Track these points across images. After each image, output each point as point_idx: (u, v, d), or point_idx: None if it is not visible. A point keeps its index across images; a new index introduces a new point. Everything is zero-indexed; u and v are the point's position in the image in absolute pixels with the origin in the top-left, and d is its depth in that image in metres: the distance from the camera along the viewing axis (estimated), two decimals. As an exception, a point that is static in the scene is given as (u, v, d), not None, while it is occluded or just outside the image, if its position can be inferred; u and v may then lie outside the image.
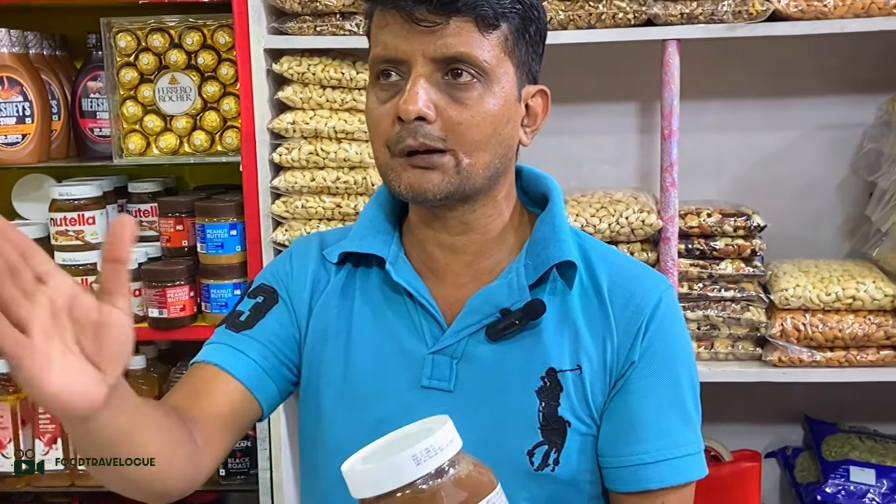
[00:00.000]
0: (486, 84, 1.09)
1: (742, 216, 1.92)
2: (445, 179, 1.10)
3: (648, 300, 1.17)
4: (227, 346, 1.20)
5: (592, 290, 1.18)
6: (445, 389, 1.15)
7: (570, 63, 2.14)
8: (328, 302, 1.22)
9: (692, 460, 1.16)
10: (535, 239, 1.18)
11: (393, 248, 1.20)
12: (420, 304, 1.17)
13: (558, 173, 2.16)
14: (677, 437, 1.16)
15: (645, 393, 1.15)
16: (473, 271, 1.19)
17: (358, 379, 1.18)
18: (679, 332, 1.20)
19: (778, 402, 2.26)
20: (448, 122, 1.08)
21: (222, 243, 1.96)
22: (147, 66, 2.00)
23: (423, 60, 1.07)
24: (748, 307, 1.93)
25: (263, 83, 1.91)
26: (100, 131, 2.09)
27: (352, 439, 1.16)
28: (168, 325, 1.96)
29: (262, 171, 1.93)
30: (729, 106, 2.18)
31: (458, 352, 1.16)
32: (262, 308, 1.23)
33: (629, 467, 1.15)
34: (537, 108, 1.18)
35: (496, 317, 1.15)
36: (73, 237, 2.04)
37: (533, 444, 1.14)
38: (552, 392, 1.14)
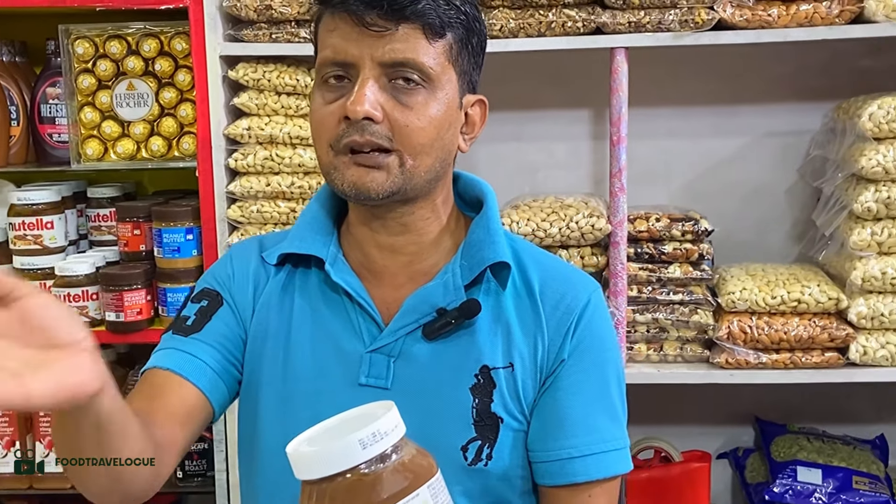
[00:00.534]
0: (431, 90, 1.12)
1: (690, 221, 1.96)
2: (389, 179, 1.13)
3: (578, 301, 1.21)
4: (179, 350, 1.21)
5: (525, 290, 1.22)
6: (382, 387, 1.18)
7: (525, 71, 2.19)
8: (268, 302, 1.24)
9: (618, 455, 1.20)
10: (471, 241, 1.21)
11: (332, 249, 1.23)
12: (358, 304, 1.20)
13: (514, 179, 2.24)
14: (604, 433, 1.19)
15: (573, 390, 1.19)
16: (411, 272, 1.22)
17: (296, 378, 1.20)
18: (607, 332, 1.24)
19: (730, 404, 2.30)
20: (395, 123, 1.11)
21: (179, 247, 1.98)
22: (105, 72, 2.02)
23: (371, 64, 1.10)
24: (696, 310, 1.97)
25: (219, 90, 1.93)
26: (59, 137, 2.11)
27: (288, 438, 1.17)
28: (125, 329, 1.98)
29: (218, 176, 1.95)
30: (680, 113, 2.22)
31: (395, 350, 1.18)
32: (207, 311, 1.24)
33: (557, 461, 1.18)
34: (475, 116, 1.22)
35: (432, 316, 1.18)
36: (32, 242, 2.06)
37: (466, 440, 1.17)
38: (486, 389, 1.17)
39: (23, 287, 0.80)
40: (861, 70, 2.15)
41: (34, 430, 2.11)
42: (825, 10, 1.85)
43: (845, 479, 2.03)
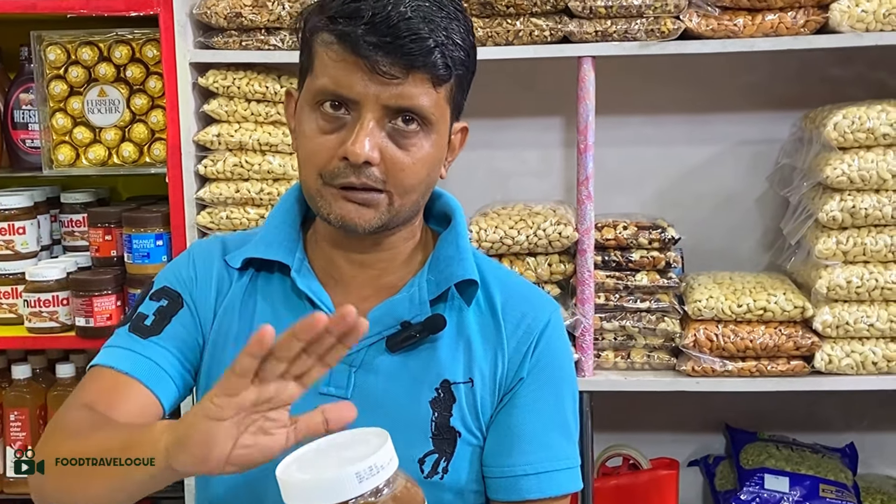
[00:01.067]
0: (428, 132, 1.13)
1: (657, 229, 1.97)
2: (377, 216, 1.14)
3: (539, 321, 1.23)
4: (138, 354, 1.20)
5: (487, 307, 1.23)
6: (342, 397, 1.18)
7: (496, 78, 2.19)
8: (231, 306, 1.24)
9: (570, 473, 1.22)
10: (439, 256, 1.22)
11: (298, 256, 1.23)
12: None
13: (485, 186, 2.25)
14: (557, 451, 1.22)
15: (529, 408, 1.21)
16: (378, 285, 1.22)
17: None
18: (564, 352, 1.26)
19: (701, 412, 2.31)
20: (391, 166, 1.11)
21: (148, 253, 1.99)
22: (76, 78, 2.03)
23: (375, 106, 1.10)
24: (663, 318, 1.97)
25: (189, 96, 1.94)
26: (31, 142, 2.12)
27: None
28: (95, 334, 1.99)
29: (188, 182, 1.96)
30: (651, 121, 2.24)
31: (356, 360, 1.19)
32: (166, 312, 1.23)
33: (511, 477, 1.20)
34: (457, 142, 1.24)
35: (396, 329, 1.19)
36: (3, 247, 2.07)
37: (424, 453, 1.18)
38: (445, 403, 1.19)
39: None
40: (830, 79, 2.16)
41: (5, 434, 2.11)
42: (790, 20, 1.86)
43: (812, 487, 2.04)
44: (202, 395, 1.25)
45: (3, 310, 2.07)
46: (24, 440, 2.08)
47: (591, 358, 1.95)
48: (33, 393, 2.10)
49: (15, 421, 2.09)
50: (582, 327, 1.93)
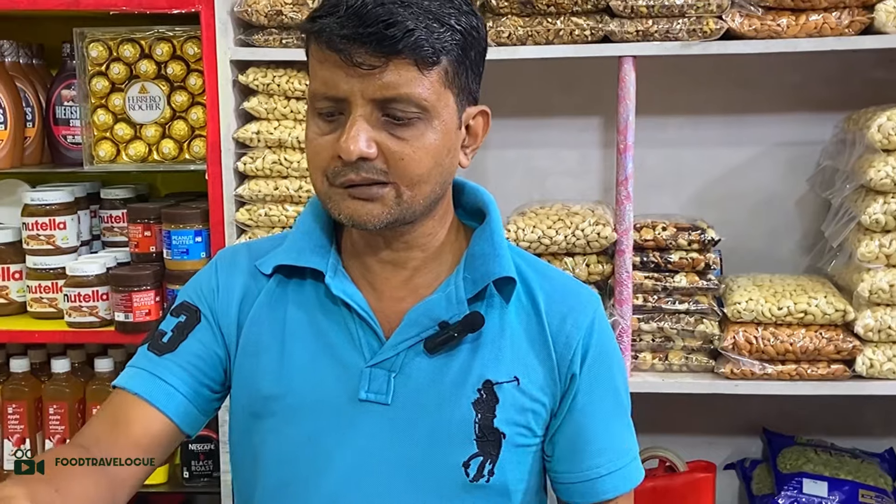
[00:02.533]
0: (427, 120, 1.09)
1: (697, 230, 1.95)
2: (385, 211, 1.11)
3: (585, 316, 1.22)
4: (149, 373, 1.20)
5: (529, 304, 1.21)
6: (383, 402, 1.17)
7: (535, 77, 2.19)
8: (259, 315, 1.23)
9: (636, 464, 1.26)
10: (474, 253, 1.20)
11: (331, 261, 1.21)
12: (359, 316, 1.18)
13: (522, 186, 2.25)
14: (623, 444, 1.24)
15: (592, 408, 1.21)
16: (413, 285, 1.20)
17: (294, 392, 1.19)
18: (612, 343, 1.26)
19: (738, 415, 2.29)
20: (390, 157, 1.09)
21: (187, 249, 2.00)
22: (118, 75, 2.04)
23: (362, 101, 1.07)
24: (702, 320, 1.96)
25: (230, 94, 1.95)
26: (73, 138, 2.14)
27: (288, 451, 1.19)
28: (134, 329, 2.00)
29: (227, 179, 1.97)
30: (690, 122, 2.22)
31: (395, 365, 1.17)
32: (184, 329, 1.23)
33: (587, 482, 1.22)
34: (478, 127, 1.19)
35: (434, 330, 1.17)
36: (44, 241, 2.08)
37: (468, 456, 1.17)
38: (488, 404, 1.17)
39: None
40: (873, 81, 2.13)
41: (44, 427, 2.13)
42: (835, 20, 1.84)
43: (851, 493, 2.02)
44: (236, 407, 1.25)
45: (43, 304, 2.09)
46: (62, 434, 2.10)
47: (628, 359, 1.94)
48: (72, 387, 2.12)
49: (54, 415, 2.10)
50: (620, 328, 1.92)
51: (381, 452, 1.17)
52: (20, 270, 2.12)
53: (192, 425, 1.23)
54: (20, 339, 2.11)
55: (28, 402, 2.12)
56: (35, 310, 2.10)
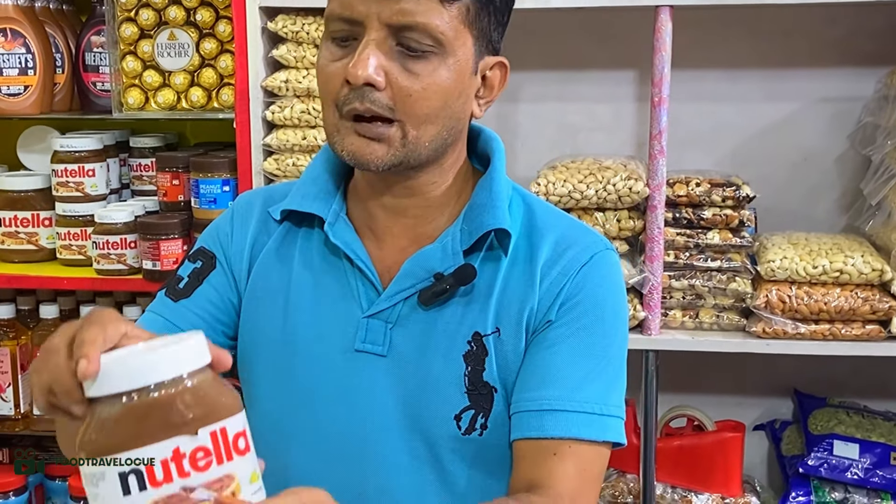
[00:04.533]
0: (442, 56, 1.06)
1: (731, 186, 1.91)
2: (390, 152, 1.08)
3: (578, 260, 1.15)
4: (164, 319, 1.19)
5: (529, 254, 1.16)
6: (379, 354, 1.15)
7: (569, 29, 2.15)
8: (267, 260, 1.21)
9: (601, 421, 1.11)
10: (473, 204, 1.17)
11: (334, 208, 1.19)
12: (357, 268, 1.16)
13: (554, 140, 2.21)
14: (589, 395, 1.11)
15: (560, 345, 1.12)
16: (414, 235, 1.18)
17: (294, 341, 1.18)
18: (608, 294, 1.16)
19: (769, 376, 2.26)
20: (398, 91, 1.05)
21: (215, 199, 1.99)
22: (147, 21, 2.03)
23: (377, 24, 1.04)
24: (734, 278, 1.92)
25: (258, 41, 1.93)
26: (102, 85, 2.13)
27: (284, 402, 1.18)
28: (161, 277, 2.00)
29: (256, 128, 1.95)
30: (727, 76, 2.17)
31: (392, 316, 1.15)
32: (199, 274, 1.21)
33: (533, 412, 1.11)
34: (494, 80, 1.15)
35: (430, 281, 1.14)
36: (73, 189, 2.09)
37: (460, 409, 1.14)
38: (478, 356, 1.14)
39: None
40: (919, 35, 2.07)
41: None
42: (881, -30, 1.78)
43: (883, 455, 1.98)
44: (241, 353, 1.23)
45: (72, 251, 2.10)
46: (91, 380, 2.11)
47: (658, 317, 1.91)
48: (101, 334, 2.12)
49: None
50: (650, 285, 1.89)
51: (377, 403, 1.15)
52: (50, 217, 2.13)
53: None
54: (50, 286, 2.13)
55: (57, 348, 2.13)
56: (64, 256, 2.11)
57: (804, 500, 2.00)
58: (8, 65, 2.02)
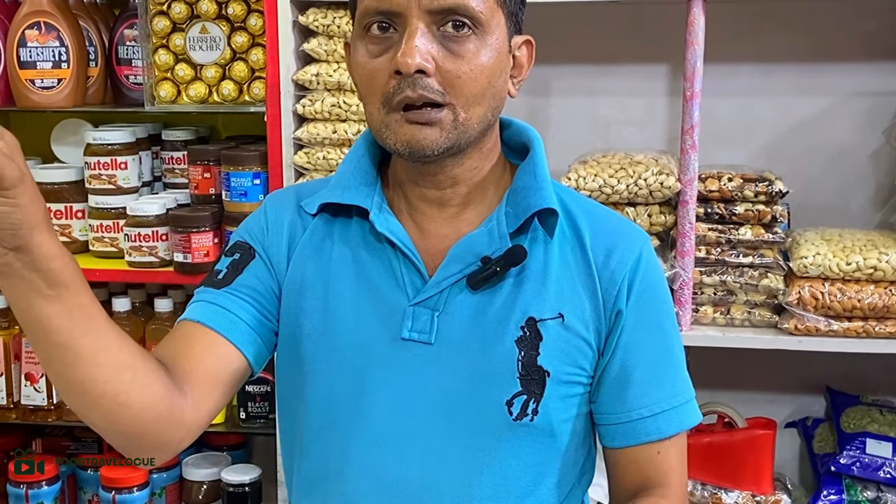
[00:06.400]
0: (482, 36, 1.08)
1: (764, 181, 1.89)
2: (444, 135, 1.09)
3: (631, 252, 1.18)
4: (209, 303, 1.19)
5: (574, 239, 1.19)
6: (426, 342, 1.16)
7: (600, 22, 2.13)
8: (304, 252, 1.22)
9: (687, 408, 1.21)
10: (516, 187, 1.18)
11: (376, 199, 1.20)
12: (402, 254, 1.17)
13: (585, 134, 2.20)
14: (672, 387, 1.20)
15: (636, 347, 1.18)
16: (456, 223, 1.19)
17: (337, 331, 1.18)
18: (661, 284, 1.22)
19: (801, 373, 2.24)
20: (446, 75, 1.07)
21: (246, 192, 2.00)
22: (179, 14, 2.03)
23: (418, 12, 1.06)
24: (766, 274, 1.91)
25: (289, 35, 1.93)
26: (135, 78, 2.14)
27: (332, 391, 1.19)
28: (192, 270, 2.01)
29: (286, 121, 1.96)
30: (760, 70, 2.14)
31: (439, 303, 1.16)
32: (238, 265, 1.22)
33: (628, 423, 1.19)
34: (523, 58, 1.18)
35: (477, 265, 1.15)
36: (106, 181, 2.10)
37: (512, 394, 1.15)
38: (532, 341, 1.15)
39: None
40: (957, 29, 2.04)
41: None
42: (919, -37, 1.76)
43: (916, 455, 1.96)
44: (282, 345, 1.23)
45: (104, 243, 2.11)
46: (122, 371, 2.13)
47: (689, 312, 1.90)
48: (133, 326, 2.14)
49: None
50: (681, 281, 1.87)
51: (424, 392, 1.16)
52: (83, 209, 2.15)
53: (256, 355, 1.20)
54: (82, 277, 2.14)
55: (90, 339, 2.15)
56: (96, 248, 2.13)
57: (836, 499, 1.98)
58: (42, 58, 2.04)
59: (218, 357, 1.17)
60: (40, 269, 0.92)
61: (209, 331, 1.17)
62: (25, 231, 0.89)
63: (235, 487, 2.10)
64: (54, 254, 0.93)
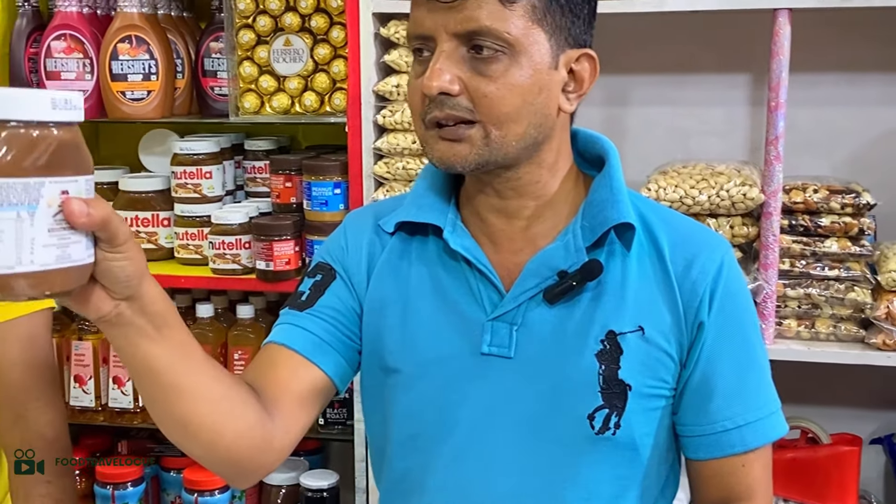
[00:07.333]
0: (513, 56, 1.08)
1: (851, 193, 1.86)
2: (473, 151, 1.11)
3: (712, 262, 1.17)
4: (292, 325, 1.22)
5: (653, 251, 1.18)
6: (505, 356, 1.16)
7: (680, 32, 2.12)
8: (383, 271, 1.24)
9: (773, 419, 1.20)
10: (592, 201, 1.18)
11: (450, 217, 1.21)
12: (478, 271, 1.18)
13: (664, 145, 2.19)
14: (756, 399, 1.19)
15: (719, 358, 1.17)
16: (529, 236, 1.19)
17: (418, 347, 1.20)
18: (743, 293, 1.21)
19: (888, 388, 2.18)
20: (475, 94, 1.09)
21: (326, 201, 2.03)
22: (264, 27, 2.07)
23: (445, 36, 1.08)
24: (853, 287, 1.87)
25: (371, 46, 1.95)
26: (220, 90, 2.19)
27: (414, 405, 1.21)
28: (274, 278, 2.04)
29: (367, 132, 1.98)
30: (845, 79, 2.10)
31: (517, 318, 1.17)
32: (321, 286, 1.25)
33: (711, 435, 1.18)
34: (583, 72, 1.15)
35: (554, 279, 1.15)
36: (192, 190, 2.15)
37: (593, 408, 1.15)
38: (612, 355, 1.15)
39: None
40: None
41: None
42: None
43: None
44: (366, 363, 1.25)
45: (189, 251, 2.16)
46: (205, 376, 2.17)
47: (772, 326, 1.87)
48: (215, 332, 2.19)
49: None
50: (764, 294, 1.85)
51: (505, 406, 1.16)
52: (169, 217, 2.20)
53: (339, 374, 1.23)
54: (167, 284, 2.19)
55: (174, 344, 2.20)
56: (182, 256, 2.18)
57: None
58: (133, 70, 2.09)
59: (303, 380, 1.19)
60: (148, 314, 0.97)
61: (293, 354, 1.20)
62: (135, 280, 0.94)
63: (314, 492, 2.12)
64: (158, 297, 0.98)
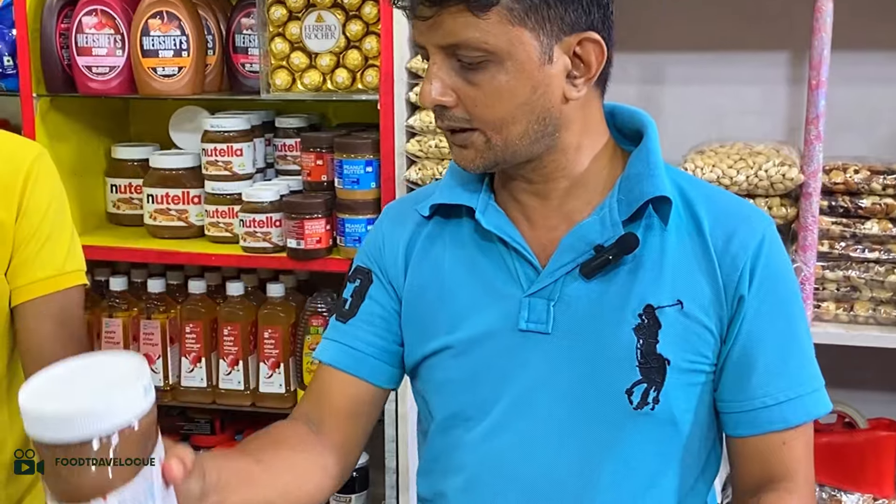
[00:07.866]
0: (498, 62, 1.07)
1: (893, 174, 1.82)
2: (479, 156, 1.13)
3: (752, 237, 1.15)
4: (336, 342, 1.27)
5: (692, 226, 1.16)
6: (543, 332, 1.16)
7: (717, 9, 2.08)
8: (419, 258, 1.25)
9: (815, 396, 1.17)
10: (629, 175, 1.17)
11: (482, 197, 1.21)
12: (513, 249, 1.17)
13: (699, 124, 2.15)
14: (797, 376, 1.16)
15: (760, 334, 1.15)
16: (564, 212, 1.18)
17: (456, 328, 1.20)
18: (785, 268, 1.18)
19: (926, 373, 2.16)
20: (468, 103, 1.10)
21: (358, 179, 2.01)
22: (295, 4, 2.05)
23: (434, 49, 1.10)
24: (893, 270, 1.84)
25: (404, 23, 1.92)
26: (251, 66, 2.17)
27: (456, 386, 1.21)
28: (305, 256, 2.03)
29: (399, 109, 1.96)
30: (888, 58, 2.06)
31: (554, 293, 1.16)
32: (361, 291, 1.27)
33: (751, 411, 1.16)
34: (588, 55, 1.11)
35: (590, 254, 1.14)
36: (222, 167, 2.14)
37: (631, 383, 1.13)
38: (650, 329, 1.13)
39: None
40: None
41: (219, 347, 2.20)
42: None
43: None
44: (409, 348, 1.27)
45: (219, 228, 2.15)
46: (236, 354, 2.17)
47: (810, 308, 1.84)
48: (245, 310, 2.18)
49: (228, 336, 2.18)
50: (802, 275, 1.82)
51: (544, 382, 1.16)
52: (199, 195, 2.19)
53: (390, 380, 1.28)
54: (198, 262, 2.19)
55: (204, 322, 2.20)
56: (212, 234, 2.17)
57: (962, 506, 1.90)
58: (164, 47, 2.08)
59: (354, 399, 1.26)
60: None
61: (341, 373, 1.25)
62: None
63: (343, 472, 2.11)
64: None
